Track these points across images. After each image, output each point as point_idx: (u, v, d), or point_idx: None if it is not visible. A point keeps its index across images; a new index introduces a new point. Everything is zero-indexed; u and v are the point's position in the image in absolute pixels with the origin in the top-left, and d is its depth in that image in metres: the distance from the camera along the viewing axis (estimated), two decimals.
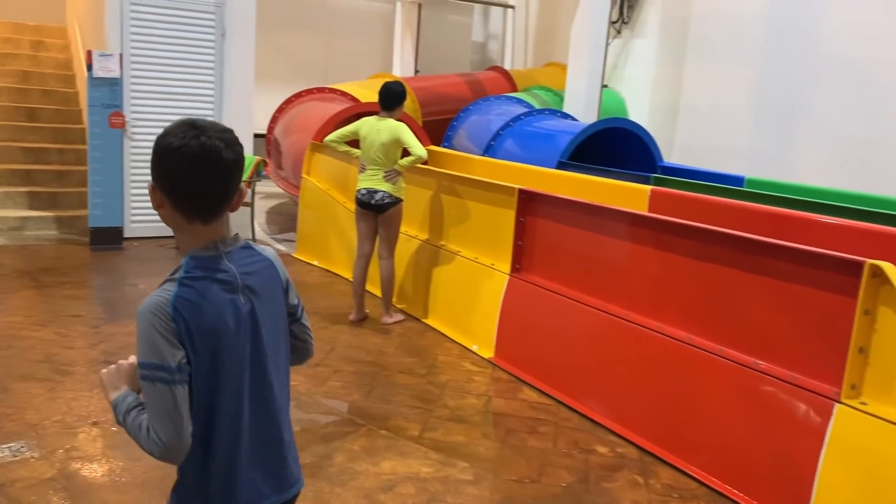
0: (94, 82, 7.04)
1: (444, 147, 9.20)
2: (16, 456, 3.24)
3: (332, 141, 5.44)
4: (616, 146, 7.95)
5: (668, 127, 10.70)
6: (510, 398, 4.29)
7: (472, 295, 5.13)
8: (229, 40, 7.74)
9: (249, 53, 7.83)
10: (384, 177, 5.23)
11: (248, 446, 1.62)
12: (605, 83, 9.72)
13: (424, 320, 5.56)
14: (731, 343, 3.47)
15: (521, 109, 8.92)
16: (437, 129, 9.77)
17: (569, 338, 4.33)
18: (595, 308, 4.18)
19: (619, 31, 11.25)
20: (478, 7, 14.80)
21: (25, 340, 4.65)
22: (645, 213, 4.31)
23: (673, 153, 10.50)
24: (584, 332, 4.24)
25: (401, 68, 13.77)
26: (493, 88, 11.20)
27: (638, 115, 10.35)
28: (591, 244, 4.31)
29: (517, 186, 4.78)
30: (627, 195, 5.18)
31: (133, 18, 7.32)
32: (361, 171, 5.34)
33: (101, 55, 7.04)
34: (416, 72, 13.87)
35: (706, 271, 3.62)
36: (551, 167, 6.97)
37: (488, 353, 4.88)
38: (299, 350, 1.89)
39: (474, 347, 5.00)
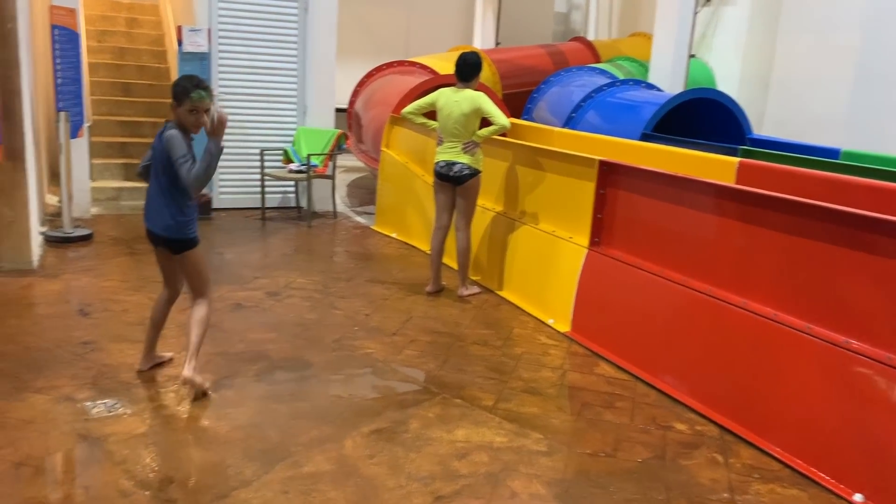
0: (184, 57, 7.27)
1: (524, 119, 9.10)
2: (110, 412, 3.42)
3: (410, 113, 5.45)
4: (703, 118, 7.68)
5: (758, 98, 10.25)
6: (586, 372, 4.24)
7: (549, 268, 5.07)
8: (312, 15, 7.84)
9: (332, 28, 7.91)
10: (463, 148, 5.21)
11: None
12: (692, 53, 9.36)
13: (500, 293, 5.55)
14: (821, 321, 3.31)
15: (604, 80, 8.71)
16: (517, 102, 9.67)
17: (648, 313, 4.23)
18: (677, 283, 4.07)
19: (707, 0, 10.80)
20: None
21: (120, 304, 4.90)
22: (732, 184, 4.14)
23: (764, 126, 10.06)
24: (664, 307, 4.13)
25: (481, 40, 13.65)
26: (575, 60, 10.96)
27: (727, 85, 9.94)
28: (674, 218, 4.18)
29: (598, 158, 4.67)
30: (714, 167, 5.00)
31: None
32: (439, 144, 5.34)
33: (190, 30, 7.26)
34: (497, 44, 13.72)
35: (796, 246, 3.45)
36: (635, 139, 6.79)
37: (564, 327, 4.83)
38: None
39: (550, 321, 4.95)
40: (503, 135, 5.33)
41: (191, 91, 3.42)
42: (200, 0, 7.48)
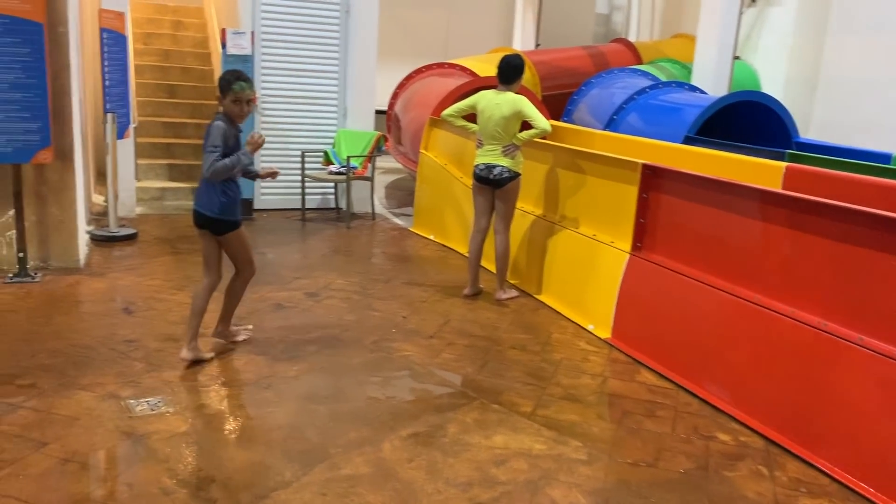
0: (228, 59, 7.36)
1: (564, 121, 9.03)
2: (153, 410, 3.47)
3: (450, 115, 5.44)
4: (748, 121, 7.53)
5: (805, 101, 10.02)
6: (627, 380, 4.18)
7: (589, 273, 5.02)
8: (353, 18, 7.88)
9: (372, 30, 7.95)
10: (503, 151, 5.19)
11: None
12: (736, 55, 9.19)
13: (538, 297, 5.51)
14: (873, 332, 3.21)
15: (647, 82, 8.61)
16: (557, 104, 9.60)
17: (691, 320, 4.16)
18: (721, 290, 3.98)
19: (753, 0, 10.60)
20: None
21: (164, 303, 4.97)
22: (779, 190, 4.05)
23: (810, 129, 9.83)
24: (708, 314, 4.05)
25: (521, 42, 13.59)
26: (616, 61, 10.85)
27: (772, 88, 9.75)
28: (719, 223, 4.10)
29: (641, 161, 4.60)
30: (760, 172, 4.89)
31: None
32: (479, 146, 5.32)
33: (234, 33, 7.35)
34: (537, 45, 13.65)
35: (846, 254, 3.36)
36: (677, 142, 6.69)
37: (605, 333, 4.77)
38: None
39: (590, 327, 4.90)
40: (543, 138, 5.29)
41: (233, 83, 3.83)
42: (244, 3, 7.58)
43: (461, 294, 5.49)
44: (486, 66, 9.06)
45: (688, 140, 6.82)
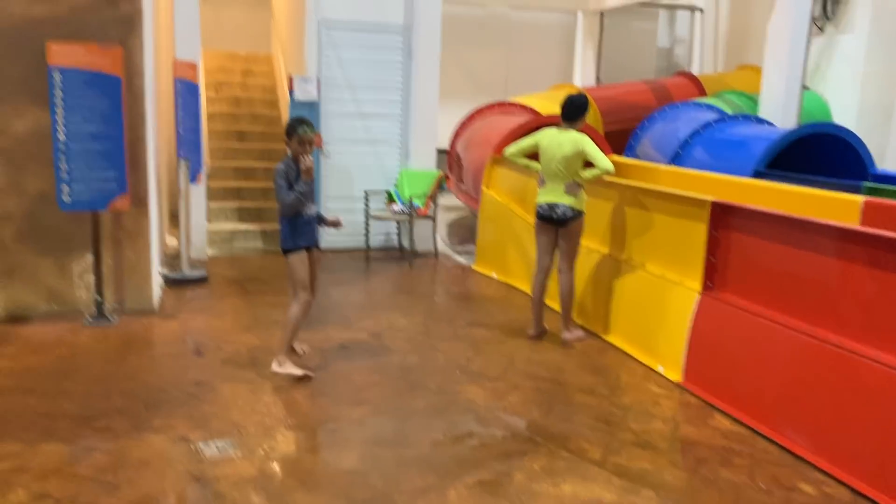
0: (295, 105, 7.57)
1: (628, 157, 8.93)
2: (221, 454, 3.51)
3: (512, 154, 5.44)
4: (819, 153, 7.29)
5: (880, 131, 9.67)
6: (700, 425, 4.03)
7: (658, 313, 4.89)
8: (416, 61, 8.02)
9: (434, 73, 8.06)
10: (565, 189, 5.14)
11: None
12: (805, 85, 8.96)
13: (606, 337, 5.39)
14: None
15: (712, 116, 8.45)
16: (620, 139, 9.52)
17: (768, 362, 3.99)
18: (798, 331, 3.82)
19: (821, 28, 10.35)
20: (663, 12, 14.27)
21: (232, 344, 5.06)
22: (858, 227, 3.88)
23: (886, 160, 9.46)
24: (785, 356, 3.88)
25: (582, 78, 13.59)
26: (680, 95, 10.71)
27: (844, 118, 9.43)
28: (795, 261, 3.94)
29: (710, 199, 4.49)
30: (836, 207, 4.71)
31: (329, 44, 7.81)
32: (541, 185, 5.29)
33: (301, 79, 7.56)
34: (598, 81, 13.62)
35: None
36: (746, 177, 6.51)
37: (676, 375, 4.62)
38: None
39: (660, 369, 4.75)
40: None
41: (297, 127, 4.34)
42: (310, 50, 7.80)
43: (526, 335, 5.42)
44: (547, 104, 9.07)
45: (757, 174, 6.63)
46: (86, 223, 5.39)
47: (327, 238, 8.07)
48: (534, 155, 5.38)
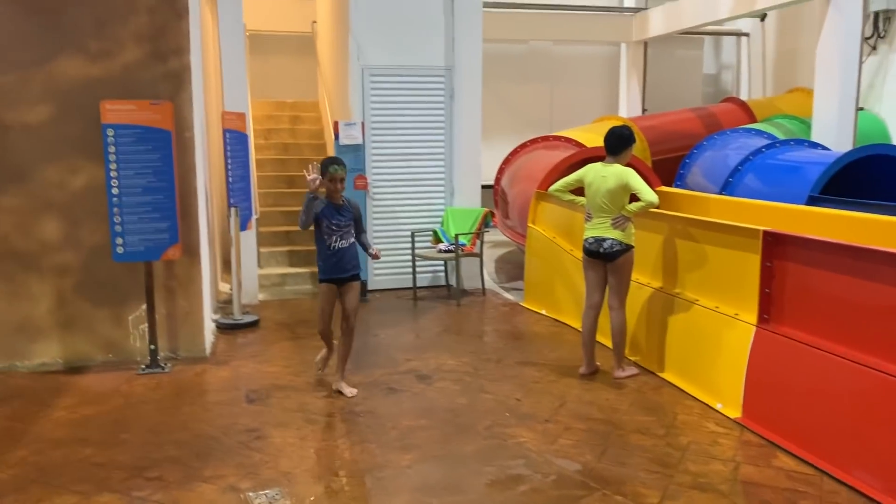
0: (341, 149, 7.68)
1: (677, 186, 8.79)
2: (271, 503, 3.49)
3: (557, 190, 5.39)
4: (878, 176, 7.03)
5: None
6: (763, 465, 3.85)
7: (714, 347, 4.73)
8: (458, 101, 8.08)
9: (476, 112, 8.11)
10: (612, 224, 5.06)
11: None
12: (860, 106, 8.71)
13: (660, 374, 5.24)
14: None
15: (762, 141, 8.26)
16: (668, 168, 9.38)
17: (832, 398, 3.80)
18: (864, 365, 3.63)
19: (874, 48, 10.09)
20: (708, 38, 14.15)
21: (282, 389, 5.08)
22: None
23: None
24: (851, 391, 3.69)
25: (627, 109, 13.50)
26: (728, 121, 10.54)
27: None
28: (857, 291, 3.77)
29: (761, 228, 4.35)
30: None
31: (373, 89, 7.94)
32: (588, 220, 5.22)
33: (346, 125, 7.69)
34: (644, 111, 13.51)
35: None
36: (800, 203, 6.32)
37: (735, 412, 4.44)
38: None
39: (718, 406, 4.58)
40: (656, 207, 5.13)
41: (328, 166, 4.79)
42: (355, 95, 7.94)
43: (577, 373, 5.31)
44: (592, 136, 9.01)
45: (812, 200, 6.43)
46: (140, 274, 5.52)
47: (374, 279, 8.12)
48: (580, 189, 5.33)
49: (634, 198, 5.05)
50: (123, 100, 5.27)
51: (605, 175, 5.06)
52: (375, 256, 5.11)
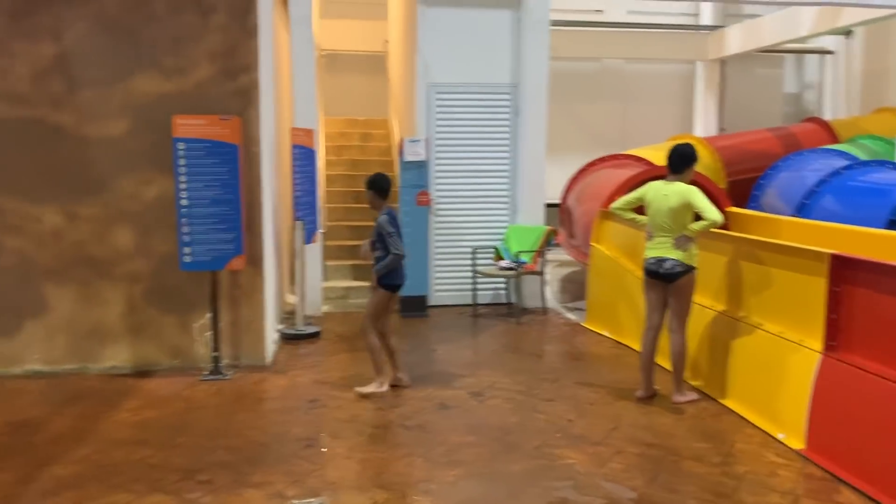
0: (405, 165, 7.78)
1: (751, 208, 8.50)
2: None
3: (618, 208, 5.30)
4: None
5: None
6: (824, 500, 3.64)
7: (777, 375, 4.53)
8: (523, 118, 8.06)
9: (542, 129, 8.07)
10: (674, 244, 4.93)
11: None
12: None
13: (721, 401, 5.04)
14: None
15: (843, 162, 7.91)
16: (744, 189, 9.10)
17: None
18: None
19: None
20: (789, 56, 13.70)
21: (336, 400, 5.14)
22: None
23: None
24: None
25: (703, 128, 13.19)
26: (809, 142, 10.14)
27: None
28: None
29: (827, 251, 4.16)
30: None
31: (438, 106, 8.01)
32: (649, 239, 5.10)
33: (410, 141, 7.78)
34: (721, 130, 13.17)
35: None
36: (880, 227, 6.01)
37: (797, 443, 4.23)
38: None
39: (780, 436, 4.37)
40: (723, 227, 4.97)
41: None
42: (420, 113, 8.03)
43: (634, 396, 5.17)
44: (662, 155, 8.76)
45: (893, 224, 6.10)
46: (205, 283, 5.70)
47: (435, 294, 8.15)
48: (641, 208, 5.22)
49: (698, 217, 4.91)
50: (194, 115, 5.47)
51: (667, 193, 4.95)
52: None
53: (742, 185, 9.40)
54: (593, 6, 13.18)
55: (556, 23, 11.92)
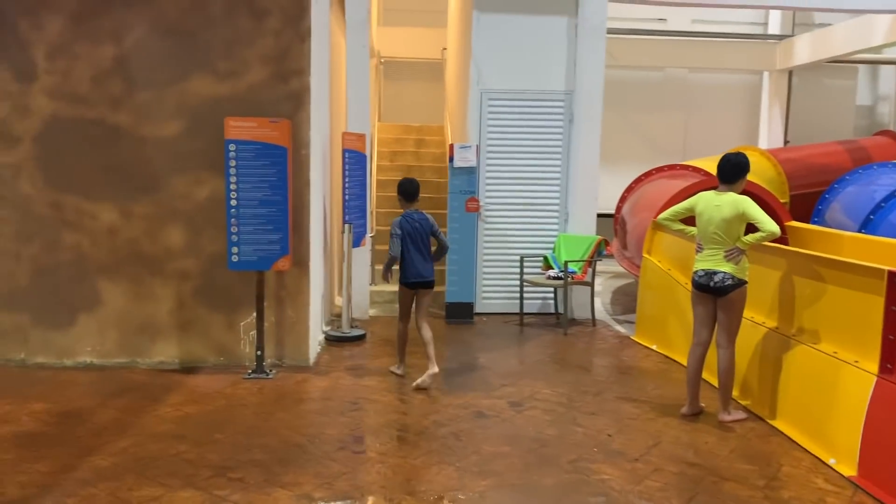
0: (454, 171, 7.75)
1: (814, 222, 8.18)
2: None
3: (666, 219, 5.15)
4: None
5: None
6: None
7: (830, 396, 4.31)
8: (577, 126, 7.94)
9: (595, 137, 7.93)
10: (725, 256, 4.76)
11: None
12: None
13: (771, 422, 4.83)
14: None
15: None
16: (809, 203, 8.79)
17: None
18: None
19: None
20: (863, 67, 13.16)
21: (374, 403, 5.13)
22: None
23: None
24: None
25: (768, 140, 12.79)
26: (880, 155, 9.72)
27: None
28: None
29: (885, 268, 3.93)
30: None
31: (490, 112, 7.97)
32: (698, 251, 4.94)
33: (460, 147, 7.75)
34: (787, 142, 12.74)
35: None
36: None
37: (849, 469, 4.01)
38: (440, 243, 5.83)
39: (831, 461, 4.15)
40: (782, 240, 4.76)
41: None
42: (472, 119, 8.00)
43: (679, 413, 5.00)
44: None
45: None
46: (252, 283, 5.78)
47: (482, 302, 8.09)
48: (691, 219, 5.06)
49: (750, 229, 4.73)
50: (246, 117, 5.57)
51: (719, 204, 4.78)
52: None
53: (806, 199, 9.07)
54: (656, 14, 12.94)
55: (617, 31, 11.82)
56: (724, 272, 4.75)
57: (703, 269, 4.87)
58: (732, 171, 4.81)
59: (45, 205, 5.77)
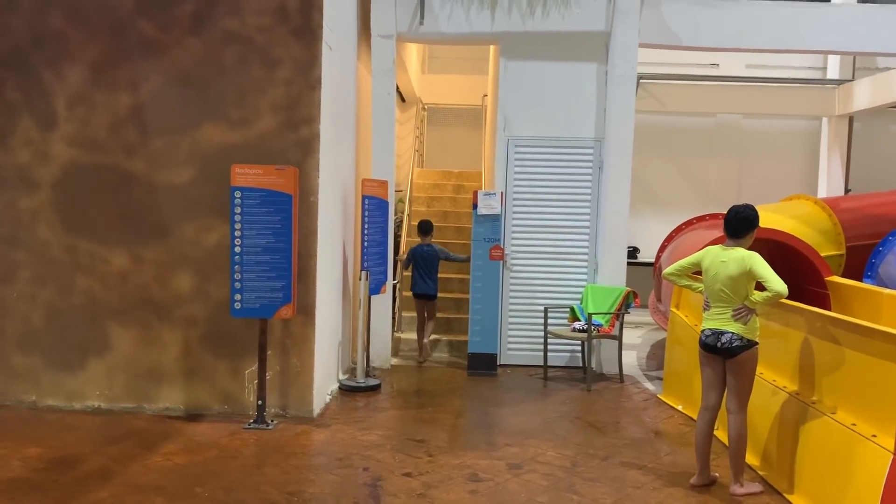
0: (479, 219, 7.61)
1: (866, 277, 7.64)
2: None
3: (671, 274, 4.86)
4: None
5: None
6: None
7: (846, 472, 3.89)
8: (606, 174, 7.71)
9: (625, 185, 7.67)
10: (732, 315, 4.43)
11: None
12: None
13: (788, 496, 4.41)
14: None
15: None
16: (865, 256, 8.22)
17: None
18: None
19: None
20: None
21: (366, 460, 4.95)
22: None
23: None
24: None
25: (827, 188, 12.17)
26: None
27: None
28: None
29: None
30: None
31: (517, 159, 7.83)
32: (705, 309, 4.62)
33: (485, 194, 7.61)
34: (847, 191, 12.09)
35: None
36: None
37: None
38: (455, 260, 8.26)
39: None
40: (824, 298, 4.41)
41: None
42: (500, 166, 7.87)
43: (688, 483, 4.63)
44: (769, 216, 8.14)
45: None
46: (256, 330, 5.73)
47: (507, 353, 7.84)
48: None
49: (761, 287, 4.39)
50: (252, 164, 5.59)
51: (725, 260, 4.47)
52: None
53: (865, 251, 8.50)
54: (709, 60, 12.61)
55: (666, 76, 11.57)
56: (732, 332, 4.42)
57: (709, 329, 4.56)
58: (740, 224, 4.50)
59: (61, 249, 5.90)
